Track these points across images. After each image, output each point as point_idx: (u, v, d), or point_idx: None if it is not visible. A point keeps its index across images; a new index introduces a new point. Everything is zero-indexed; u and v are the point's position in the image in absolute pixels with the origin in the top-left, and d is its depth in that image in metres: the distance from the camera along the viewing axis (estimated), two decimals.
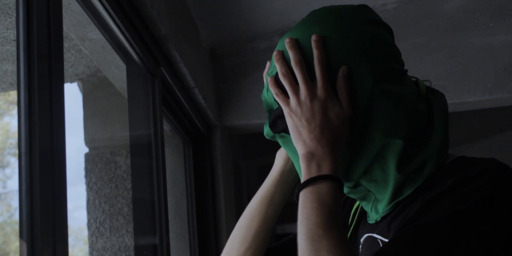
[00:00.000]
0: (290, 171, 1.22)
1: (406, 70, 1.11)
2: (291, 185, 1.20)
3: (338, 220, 0.92)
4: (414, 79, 1.11)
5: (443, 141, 1.05)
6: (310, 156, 0.98)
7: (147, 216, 1.96)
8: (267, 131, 1.11)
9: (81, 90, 3.02)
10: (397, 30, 3.26)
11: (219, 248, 2.81)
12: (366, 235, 1.09)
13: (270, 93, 1.07)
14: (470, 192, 0.92)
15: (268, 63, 1.12)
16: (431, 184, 1.01)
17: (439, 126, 1.03)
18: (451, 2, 2.96)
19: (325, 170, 0.96)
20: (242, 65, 3.06)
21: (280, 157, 1.22)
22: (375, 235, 1.06)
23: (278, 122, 1.07)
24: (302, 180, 0.98)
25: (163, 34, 2.05)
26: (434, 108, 1.05)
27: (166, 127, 2.59)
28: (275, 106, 1.08)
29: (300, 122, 1.00)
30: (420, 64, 2.99)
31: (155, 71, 2.07)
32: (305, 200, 0.94)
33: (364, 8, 1.10)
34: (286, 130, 1.06)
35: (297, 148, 1.00)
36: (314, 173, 0.97)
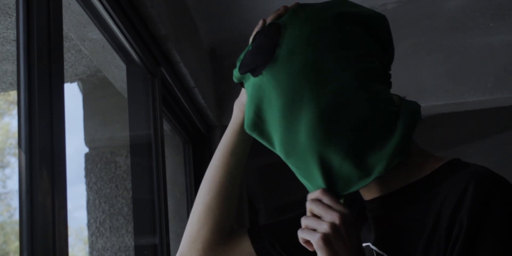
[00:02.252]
0: None
1: (388, 74, 1.08)
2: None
3: None
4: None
5: (400, 147, 0.99)
6: None
7: (147, 216, 1.96)
8: (235, 73, 1.07)
9: (81, 90, 3.02)
10: (397, 30, 3.28)
11: None
12: (364, 244, 1.08)
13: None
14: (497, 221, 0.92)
15: (261, 22, 1.08)
16: (421, 188, 1.01)
17: (399, 131, 0.99)
18: (451, 2, 2.96)
19: None
20: None
21: (238, 107, 1.19)
22: (371, 246, 1.06)
23: (247, 60, 1.03)
24: None
25: (163, 34, 2.05)
26: (401, 114, 1.02)
27: (166, 127, 2.59)
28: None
29: (339, 249, 0.94)
30: (420, 64, 2.99)
31: (155, 71, 2.07)
32: None
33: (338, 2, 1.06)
34: (254, 70, 1.02)
35: None
36: None
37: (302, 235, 0.97)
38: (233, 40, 3.03)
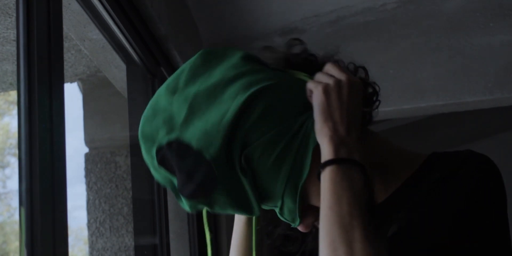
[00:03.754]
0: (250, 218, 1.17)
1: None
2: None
3: (365, 211, 0.91)
4: None
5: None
6: (339, 141, 0.93)
7: (147, 216, 1.96)
8: (190, 204, 0.99)
9: (81, 90, 3.02)
10: (397, 30, 3.27)
11: (219, 247, 2.81)
12: None
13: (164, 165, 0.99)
14: (462, 185, 0.95)
15: None
16: (413, 184, 1.03)
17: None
18: (451, 2, 2.96)
19: (357, 157, 0.93)
20: None
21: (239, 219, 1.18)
22: None
23: (207, 183, 0.96)
24: (327, 158, 0.93)
25: (163, 34, 2.05)
26: None
27: None
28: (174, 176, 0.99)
29: (337, 103, 0.95)
30: (420, 64, 2.99)
31: (155, 71, 2.07)
32: (335, 185, 0.91)
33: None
34: (217, 188, 0.96)
35: (322, 131, 0.94)
36: (344, 155, 0.92)
37: (309, 85, 0.98)
38: (233, 40, 3.03)
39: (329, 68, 1.00)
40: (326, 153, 0.93)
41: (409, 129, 4.29)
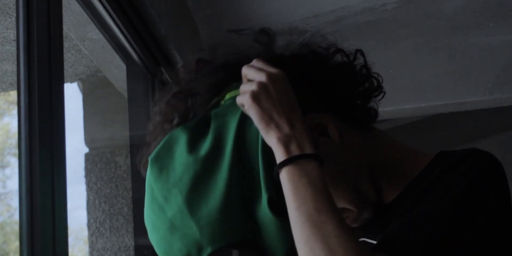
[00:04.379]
0: None
1: None
2: None
3: (333, 203, 0.89)
4: None
5: None
6: (287, 139, 0.91)
7: None
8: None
9: (81, 90, 3.02)
10: (397, 30, 3.27)
11: None
12: (359, 239, 1.09)
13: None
14: (461, 175, 0.93)
15: None
16: (419, 183, 1.02)
17: None
18: (451, 2, 2.96)
19: (308, 150, 0.91)
20: None
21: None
22: (369, 240, 1.06)
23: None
24: (280, 160, 0.91)
25: (163, 34, 2.05)
26: None
27: None
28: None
29: (269, 104, 0.93)
30: (420, 64, 2.99)
31: (155, 71, 2.07)
32: (295, 184, 0.89)
33: None
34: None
35: (268, 135, 0.93)
36: (296, 153, 0.91)
37: (238, 101, 0.96)
38: (233, 40, 3.03)
39: (246, 72, 0.98)
40: (278, 155, 0.92)
41: (409, 129, 4.29)
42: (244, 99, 0.95)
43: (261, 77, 0.95)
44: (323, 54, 1.07)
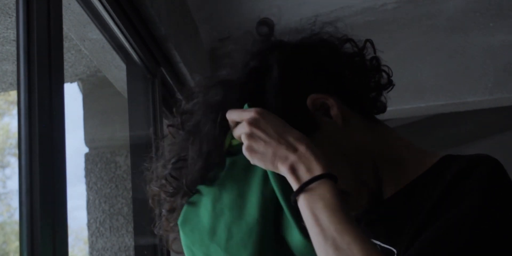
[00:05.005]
0: None
1: None
2: None
3: (353, 221, 0.90)
4: None
5: None
6: (294, 166, 0.92)
7: (147, 216, 1.95)
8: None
9: (81, 90, 3.02)
10: (397, 30, 3.27)
11: None
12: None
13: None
14: (476, 186, 0.94)
15: None
16: (422, 183, 1.02)
17: None
18: (451, 2, 2.96)
19: (316, 170, 0.91)
20: None
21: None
22: (374, 241, 1.06)
23: None
24: (295, 189, 0.92)
25: (163, 34, 2.05)
26: None
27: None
28: None
29: (265, 138, 0.94)
30: (420, 64, 2.99)
31: (155, 71, 2.07)
32: (312, 211, 0.90)
33: None
34: None
35: (279, 170, 0.94)
36: (306, 178, 0.91)
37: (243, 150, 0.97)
38: (233, 40, 3.03)
39: (231, 117, 0.98)
40: (292, 184, 0.93)
41: (409, 129, 4.29)
42: (243, 150, 0.96)
43: (246, 116, 0.95)
44: (332, 41, 1.08)
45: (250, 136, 0.95)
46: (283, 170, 0.93)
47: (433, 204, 0.95)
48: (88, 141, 2.99)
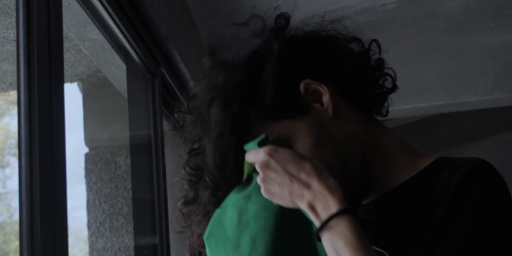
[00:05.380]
0: None
1: None
2: None
3: (375, 254, 0.92)
4: None
5: None
6: (312, 203, 0.93)
7: (147, 216, 1.96)
8: None
9: (81, 90, 3.02)
10: (397, 30, 3.27)
11: None
12: None
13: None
14: (479, 193, 0.95)
15: None
16: (414, 184, 1.03)
17: None
18: (451, 2, 2.96)
19: (333, 207, 0.92)
20: None
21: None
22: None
23: None
24: (317, 226, 0.94)
25: (163, 34, 2.05)
26: None
27: (166, 127, 2.59)
28: None
29: (280, 180, 0.95)
30: (420, 64, 2.99)
31: (155, 71, 2.07)
32: (334, 249, 0.91)
33: None
34: None
35: (298, 206, 0.95)
36: (325, 215, 0.92)
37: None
38: (233, 40, 3.03)
39: (248, 160, 1.00)
40: (313, 220, 0.95)
41: (409, 129, 4.29)
42: (262, 193, 0.98)
43: (260, 157, 0.97)
44: (336, 35, 1.11)
45: (264, 180, 0.97)
46: (303, 208, 0.95)
47: (431, 212, 0.97)
48: (88, 141, 2.99)
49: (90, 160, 2.97)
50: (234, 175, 1.03)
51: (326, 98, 1.05)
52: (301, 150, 1.02)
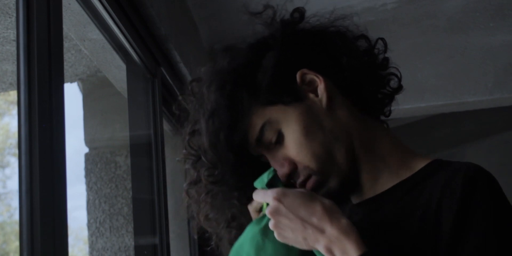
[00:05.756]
0: None
1: None
2: None
3: None
4: None
5: None
6: (329, 248, 0.93)
7: (147, 216, 1.96)
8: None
9: (81, 90, 3.02)
10: (397, 30, 3.27)
11: (219, 248, 2.81)
12: None
13: None
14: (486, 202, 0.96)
15: None
16: (409, 185, 1.04)
17: None
18: (451, 2, 2.96)
19: (352, 252, 0.92)
20: None
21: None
22: None
23: None
24: None
25: (163, 34, 2.05)
26: None
27: (166, 127, 2.59)
28: None
29: (291, 225, 0.96)
30: (420, 64, 2.99)
31: (155, 71, 2.07)
32: None
33: None
34: None
35: (316, 248, 0.96)
36: None
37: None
38: (233, 40, 3.03)
39: (257, 200, 1.02)
40: None
41: (409, 129, 4.29)
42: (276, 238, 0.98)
43: (269, 201, 0.98)
44: (341, 30, 1.13)
45: (277, 226, 0.97)
46: (321, 252, 0.95)
47: (429, 216, 0.97)
48: (88, 141, 2.99)
49: (90, 160, 2.97)
50: (228, 153, 1.03)
51: (321, 88, 1.06)
52: (289, 136, 1.03)
